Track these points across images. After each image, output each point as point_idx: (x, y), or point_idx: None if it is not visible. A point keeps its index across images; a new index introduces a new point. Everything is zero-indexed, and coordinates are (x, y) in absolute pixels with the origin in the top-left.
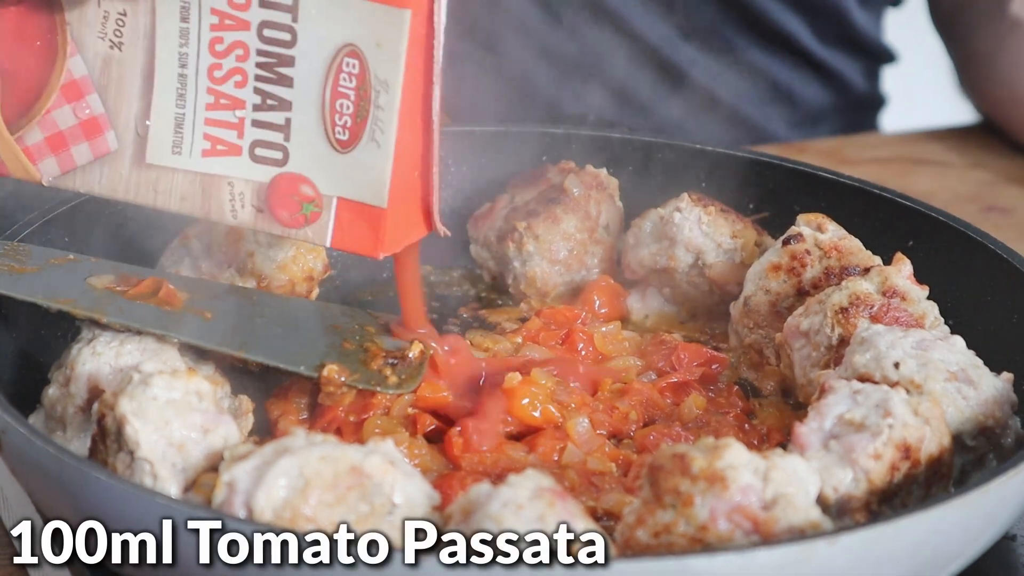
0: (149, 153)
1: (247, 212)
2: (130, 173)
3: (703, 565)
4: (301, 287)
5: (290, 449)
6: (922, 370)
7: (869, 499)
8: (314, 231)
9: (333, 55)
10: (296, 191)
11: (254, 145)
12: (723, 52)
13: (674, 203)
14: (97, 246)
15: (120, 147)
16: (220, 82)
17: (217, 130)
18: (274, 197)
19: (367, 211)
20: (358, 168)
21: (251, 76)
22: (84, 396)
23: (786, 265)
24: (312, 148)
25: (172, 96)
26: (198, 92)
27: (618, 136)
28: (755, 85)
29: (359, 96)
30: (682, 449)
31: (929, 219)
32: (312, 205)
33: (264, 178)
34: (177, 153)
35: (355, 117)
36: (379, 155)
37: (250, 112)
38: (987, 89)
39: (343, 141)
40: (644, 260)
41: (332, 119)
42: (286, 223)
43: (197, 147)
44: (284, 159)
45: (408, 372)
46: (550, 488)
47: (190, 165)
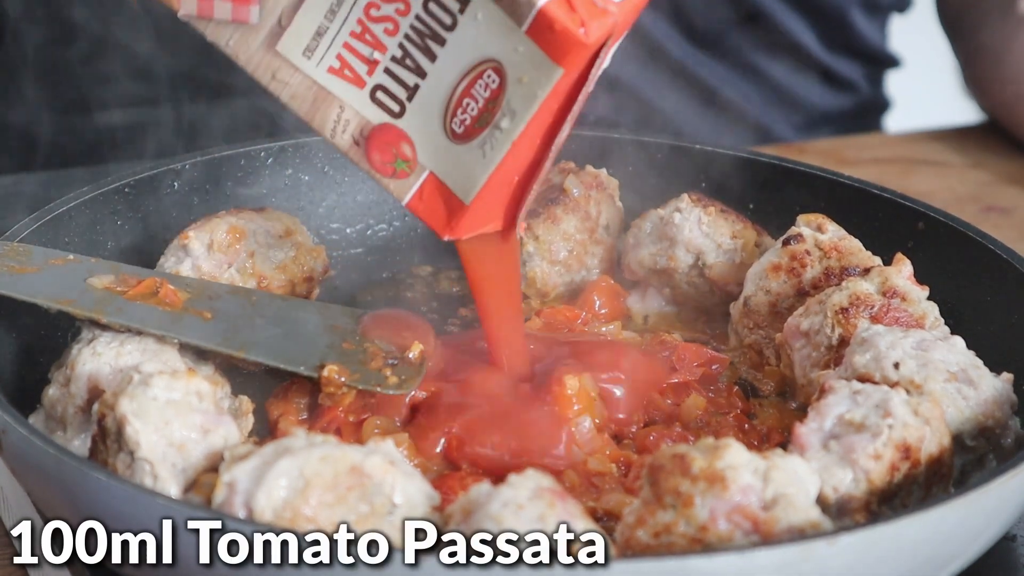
0: (282, 44)
1: (344, 138)
2: (257, 50)
3: (703, 565)
4: (301, 288)
5: (290, 449)
6: (922, 370)
7: (869, 499)
8: (396, 186)
9: (480, 61)
10: (397, 145)
11: (378, 88)
12: (728, 55)
13: (674, 203)
14: (97, 246)
15: (259, 25)
16: (372, 21)
17: (351, 57)
18: (375, 140)
19: (450, 197)
20: (459, 162)
21: (402, 32)
22: (84, 396)
23: (786, 265)
24: (427, 120)
25: (325, 7)
26: (349, 17)
27: (618, 136)
28: (759, 88)
29: (486, 107)
30: (682, 449)
31: (929, 219)
32: (405, 164)
33: (374, 119)
34: (307, 57)
35: (475, 121)
36: (481, 164)
37: (387, 60)
38: (993, 87)
39: (456, 134)
40: (644, 260)
41: (454, 111)
42: (375, 166)
43: (327, 61)
44: (399, 113)
45: (408, 372)
46: (550, 488)
47: (313, 73)
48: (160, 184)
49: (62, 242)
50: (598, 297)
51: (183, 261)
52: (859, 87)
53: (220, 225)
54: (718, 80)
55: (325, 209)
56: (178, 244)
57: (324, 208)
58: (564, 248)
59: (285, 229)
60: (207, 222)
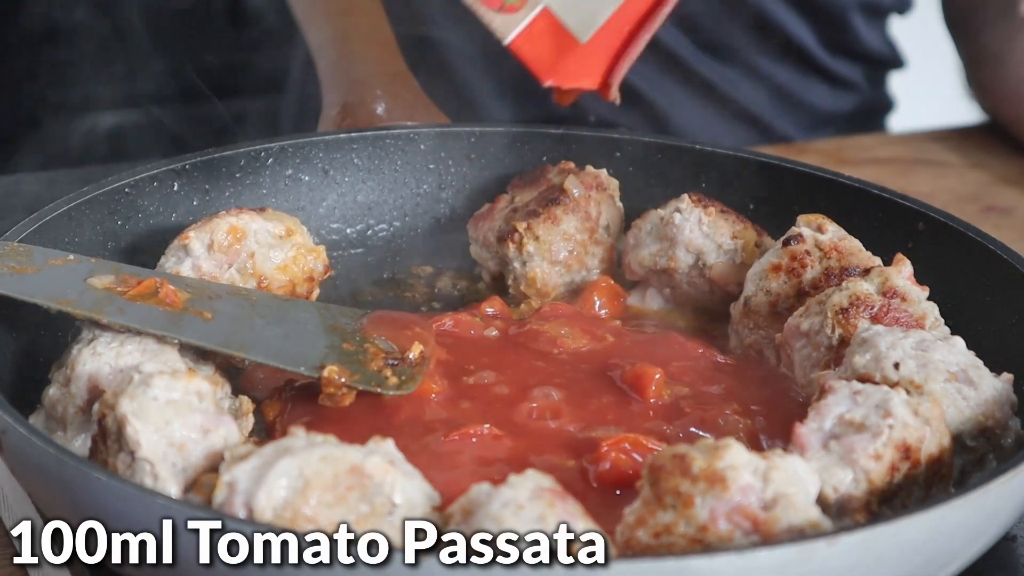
0: None
1: None
2: None
3: (703, 565)
4: (301, 288)
5: (290, 449)
6: (922, 371)
7: (869, 499)
8: (502, 21)
9: None
10: None
11: None
12: (729, 56)
13: (674, 204)
14: (97, 246)
15: None
16: None
17: None
18: None
19: (562, 36)
20: None
21: None
22: (85, 396)
23: (786, 266)
24: None
25: None
26: None
27: (619, 136)
28: (758, 89)
29: None
30: (682, 450)
31: (929, 219)
32: None
33: None
34: None
35: None
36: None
37: None
38: (995, 88)
39: None
40: (644, 261)
41: None
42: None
43: None
44: None
45: (409, 373)
46: (550, 488)
47: None
48: (160, 184)
49: (62, 242)
50: (598, 297)
51: (183, 261)
52: (861, 88)
53: (220, 225)
54: (723, 82)
55: (325, 209)
56: (178, 244)
57: (324, 208)
58: (564, 248)
59: (285, 229)
60: (207, 222)
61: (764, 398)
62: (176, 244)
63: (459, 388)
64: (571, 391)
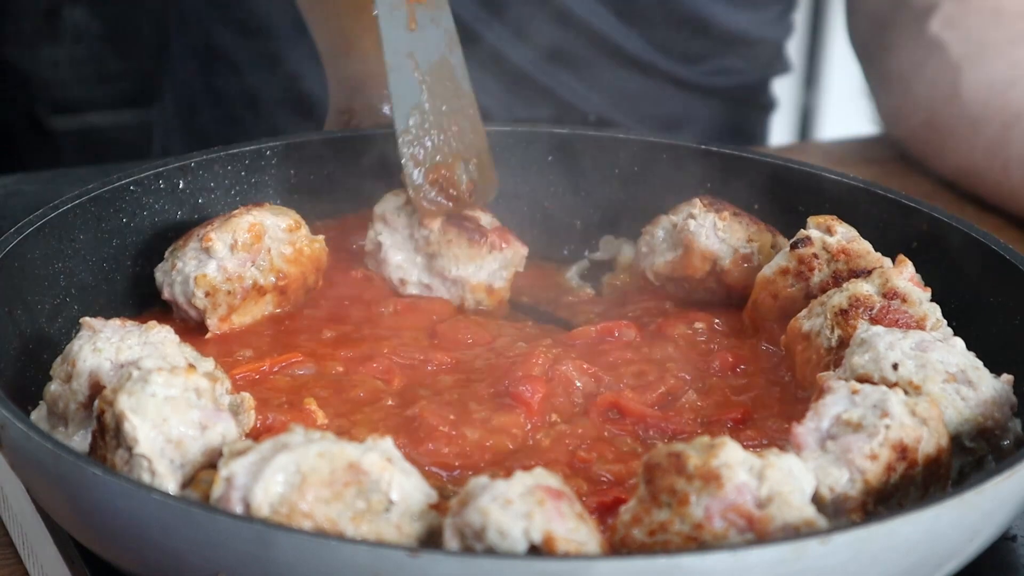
0: None
1: None
2: None
3: (695, 564)
4: (311, 278)
5: (288, 445)
6: (920, 371)
7: (865, 499)
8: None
9: None
10: None
11: None
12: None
13: (686, 209)
14: (102, 244)
15: None
16: None
17: None
18: None
19: None
20: None
21: None
22: (86, 392)
23: (794, 269)
24: None
25: None
26: None
27: (619, 136)
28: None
29: None
30: (678, 448)
31: (932, 220)
32: None
33: None
34: None
35: None
36: None
37: None
38: (902, 112)
39: None
40: (660, 269)
41: None
42: None
43: None
44: None
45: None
46: (545, 486)
47: None
48: (164, 183)
49: (67, 240)
50: None
51: (207, 264)
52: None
53: (240, 224)
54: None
55: (329, 208)
56: (199, 247)
57: (327, 207)
58: None
59: (294, 222)
60: (225, 222)
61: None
62: (196, 246)
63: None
64: None
